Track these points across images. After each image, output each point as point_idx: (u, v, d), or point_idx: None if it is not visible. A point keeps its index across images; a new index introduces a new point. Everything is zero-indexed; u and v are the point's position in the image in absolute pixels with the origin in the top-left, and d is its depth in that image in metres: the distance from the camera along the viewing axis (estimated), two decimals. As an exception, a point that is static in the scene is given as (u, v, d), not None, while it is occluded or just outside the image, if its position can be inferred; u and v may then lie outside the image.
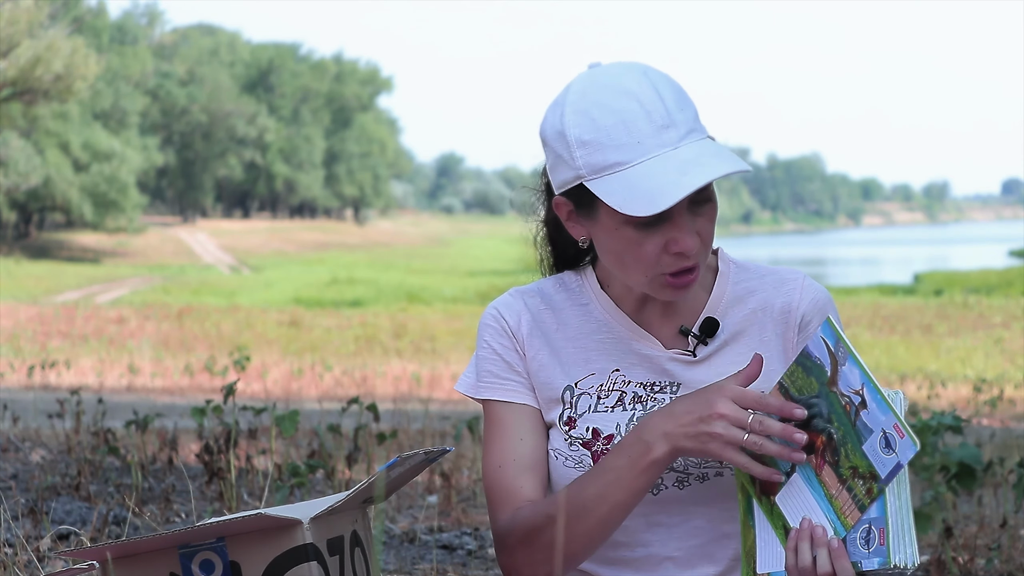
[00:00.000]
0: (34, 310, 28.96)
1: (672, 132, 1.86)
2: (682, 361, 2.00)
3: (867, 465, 1.71)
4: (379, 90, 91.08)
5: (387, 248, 73.12)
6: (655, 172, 1.83)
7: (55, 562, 3.24)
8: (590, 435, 1.99)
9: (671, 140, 1.85)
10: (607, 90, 1.88)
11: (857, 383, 1.72)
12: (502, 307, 2.06)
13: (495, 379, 2.04)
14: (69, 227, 65.66)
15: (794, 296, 2.01)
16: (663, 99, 1.87)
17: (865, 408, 1.71)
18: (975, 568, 3.70)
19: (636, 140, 1.85)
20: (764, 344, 2.00)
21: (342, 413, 5.14)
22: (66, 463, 5.15)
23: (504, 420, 2.02)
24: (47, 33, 43.60)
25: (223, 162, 77.67)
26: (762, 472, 1.79)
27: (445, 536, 4.07)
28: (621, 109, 1.86)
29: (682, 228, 1.87)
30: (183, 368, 16.27)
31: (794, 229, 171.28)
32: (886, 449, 1.69)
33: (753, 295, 2.02)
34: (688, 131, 1.87)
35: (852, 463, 1.72)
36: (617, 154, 1.85)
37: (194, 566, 1.83)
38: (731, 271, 2.04)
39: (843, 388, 1.73)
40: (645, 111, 1.86)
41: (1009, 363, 19.53)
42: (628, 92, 1.87)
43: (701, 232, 1.90)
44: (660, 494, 1.98)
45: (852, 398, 1.72)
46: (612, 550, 2.01)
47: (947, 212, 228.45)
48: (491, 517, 2.01)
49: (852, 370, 1.72)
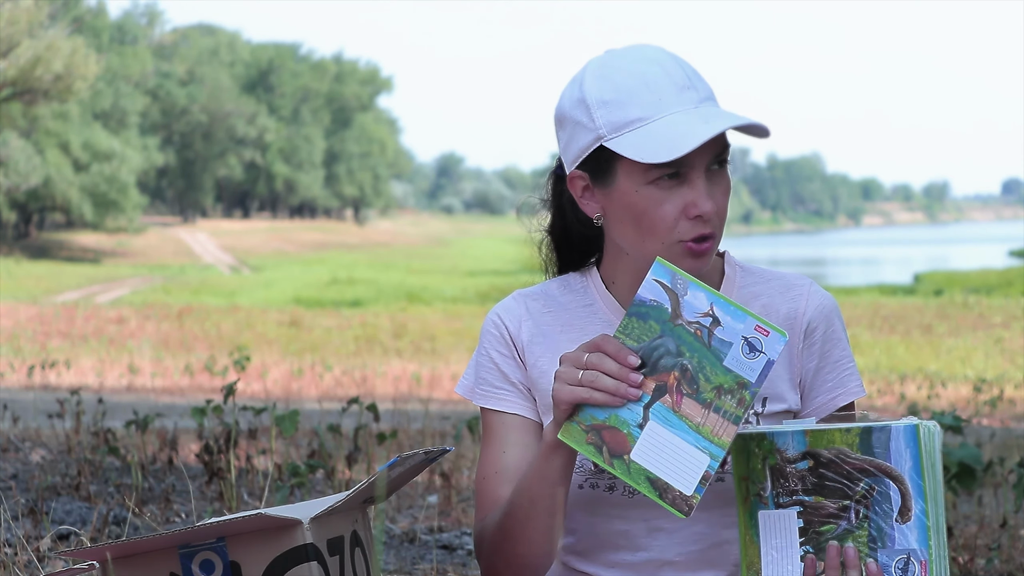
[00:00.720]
0: (34, 310, 28.95)
1: (692, 93, 1.88)
2: None
3: (732, 378, 1.71)
4: (379, 90, 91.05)
5: (387, 248, 73.08)
6: (677, 123, 1.85)
7: (55, 562, 3.24)
8: None
9: (691, 100, 1.88)
10: (627, 59, 1.91)
11: (704, 305, 1.72)
12: (503, 312, 2.06)
13: (489, 387, 2.05)
14: (69, 227, 65.66)
15: (800, 303, 2.01)
16: (682, 67, 1.90)
17: (719, 325, 1.71)
18: (975, 568, 3.70)
19: (657, 98, 1.87)
20: None
21: (342, 413, 5.14)
22: (66, 463, 5.15)
23: (494, 429, 2.04)
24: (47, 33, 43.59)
25: (223, 162, 77.64)
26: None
27: (445, 536, 4.07)
28: (643, 72, 1.88)
29: (700, 192, 1.87)
30: (183, 368, 16.26)
31: (794, 229, 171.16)
32: (751, 353, 1.70)
33: (758, 299, 2.02)
34: (709, 97, 1.90)
35: (715, 384, 1.71)
36: (639, 110, 1.87)
37: (194, 566, 1.83)
38: (737, 275, 2.04)
39: (689, 316, 1.73)
40: (666, 72, 1.88)
41: (1009, 363, 19.52)
42: (649, 59, 1.90)
43: (717, 200, 1.90)
44: None
45: (702, 321, 1.72)
46: (613, 553, 2.01)
47: (947, 212, 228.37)
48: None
49: (696, 295, 1.73)
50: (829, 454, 1.74)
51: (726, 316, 1.71)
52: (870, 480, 1.72)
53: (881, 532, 1.72)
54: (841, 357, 2.02)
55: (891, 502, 1.71)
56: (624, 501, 1.98)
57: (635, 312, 1.76)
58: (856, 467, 1.73)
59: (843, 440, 1.73)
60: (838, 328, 2.02)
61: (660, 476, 1.72)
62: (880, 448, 1.72)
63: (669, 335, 1.74)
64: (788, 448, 1.77)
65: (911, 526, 1.71)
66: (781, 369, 1.99)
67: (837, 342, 2.02)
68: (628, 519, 1.99)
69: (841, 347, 2.02)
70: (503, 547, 1.95)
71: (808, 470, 1.75)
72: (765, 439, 1.78)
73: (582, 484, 1.99)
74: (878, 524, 1.72)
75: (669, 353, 1.74)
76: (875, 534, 1.72)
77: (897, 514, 1.71)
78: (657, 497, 1.72)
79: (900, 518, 1.71)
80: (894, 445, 1.71)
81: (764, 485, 1.79)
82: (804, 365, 2.01)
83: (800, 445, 1.76)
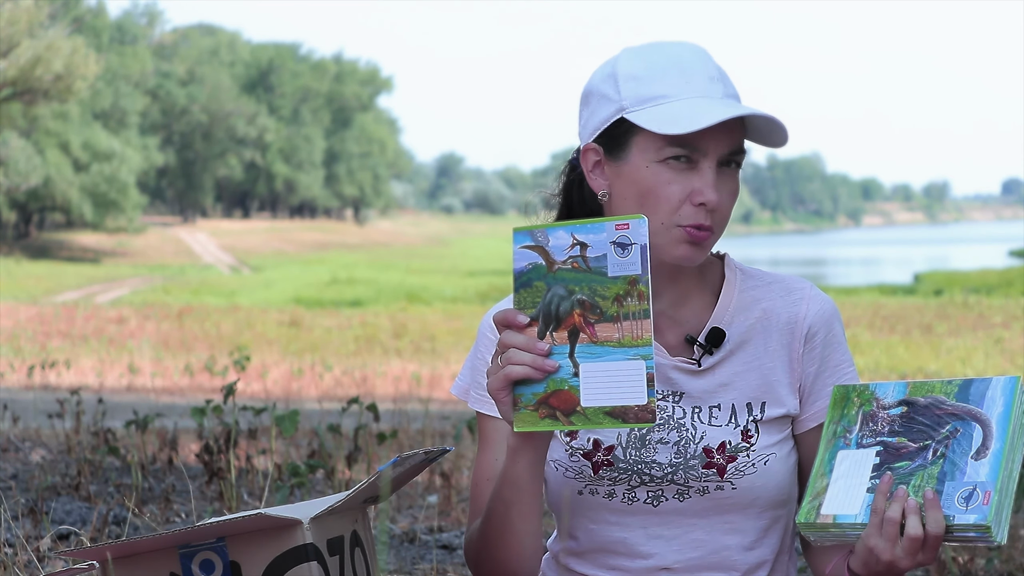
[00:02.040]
0: (34, 310, 28.93)
1: (720, 86, 1.91)
2: (685, 370, 1.99)
3: (623, 282, 1.73)
4: (379, 90, 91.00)
5: (387, 248, 73.06)
6: (699, 105, 1.87)
7: (55, 562, 3.24)
8: (591, 446, 1.99)
9: (715, 92, 1.90)
10: (666, 45, 1.95)
11: (568, 240, 1.75)
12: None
13: (483, 391, 2.05)
14: (69, 227, 65.63)
15: (800, 307, 2.01)
16: (716, 66, 1.93)
17: (587, 247, 1.74)
18: (975, 568, 3.70)
19: (685, 80, 1.90)
20: (769, 353, 2.00)
21: (342, 413, 5.14)
22: (66, 463, 5.15)
23: (488, 435, 2.05)
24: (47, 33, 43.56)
25: (223, 162, 77.60)
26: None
27: (445, 536, 4.07)
28: (678, 56, 1.92)
29: (708, 180, 1.89)
30: (183, 368, 16.25)
31: (794, 229, 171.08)
32: (624, 251, 1.73)
33: (759, 303, 2.02)
34: (734, 95, 1.93)
35: (612, 296, 1.74)
36: (665, 87, 1.89)
37: (194, 566, 1.83)
38: (737, 278, 2.04)
39: (561, 257, 1.75)
40: (700, 62, 1.91)
41: (1009, 363, 19.51)
42: (687, 48, 1.94)
43: (722, 201, 1.91)
44: (660, 506, 1.98)
45: (571, 254, 1.75)
46: (612, 558, 2.01)
47: (947, 212, 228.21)
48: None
49: (557, 236, 1.76)
50: (925, 401, 1.81)
51: (588, 235, 1.75)
52: (957, 423, 1.77)
53: (954, 467, 1.76)
54: (841, 361, 2.02)
55: (971, 441, 1.76)
56: (623, 508, 1.98)
57: (519, 285, 1.78)
58: (947, 412, 1.79)
59: (942, 390, 1.80)
60: (838, 332, 2.03)
61: (614, 404, 1.74)
62: (976, 397, 1.78)
63: (555, 283, 1.76)
64: (887, 396, 1.84)
65: (985, 462, 1.74)
66: (780, 373, 1.99)
67: (837, 346, 2.02)
68: (627, 526, 1.99)
69: (841, 351, 2.03)
70: (485, 553, 1.96)
71: (900, 416, 1.81)
72: (867, 389, 1.85)
73: (581, 491, 1.99)
74: (953, 460, 1.76)
75: (562, 297, 1.76)
76: (947, 469, 1.76)
77: (974, 452, 1.75)
78: (622, 423, 1.73)
79: (976, 456, 1.75)
80: (990, 393, 1.77)
81: (852, 428, 1.85)
82: (804, 369, 2.01)
83: (900, 393, 1.83)
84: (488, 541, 1.94)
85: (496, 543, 1.93)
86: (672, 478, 1.96)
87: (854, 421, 1.84)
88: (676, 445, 1.97)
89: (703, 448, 1.96)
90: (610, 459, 1.98)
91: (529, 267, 1.77)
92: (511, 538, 1.91)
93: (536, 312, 1.77)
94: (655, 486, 1.97)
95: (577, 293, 1.75)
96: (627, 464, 1.97)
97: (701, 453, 1.96)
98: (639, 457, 1.97)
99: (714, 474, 1.96)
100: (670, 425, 1.98)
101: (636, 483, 1.98)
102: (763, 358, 1.99)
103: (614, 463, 1.98)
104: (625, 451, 1.98)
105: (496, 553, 1.94)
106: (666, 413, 1.98)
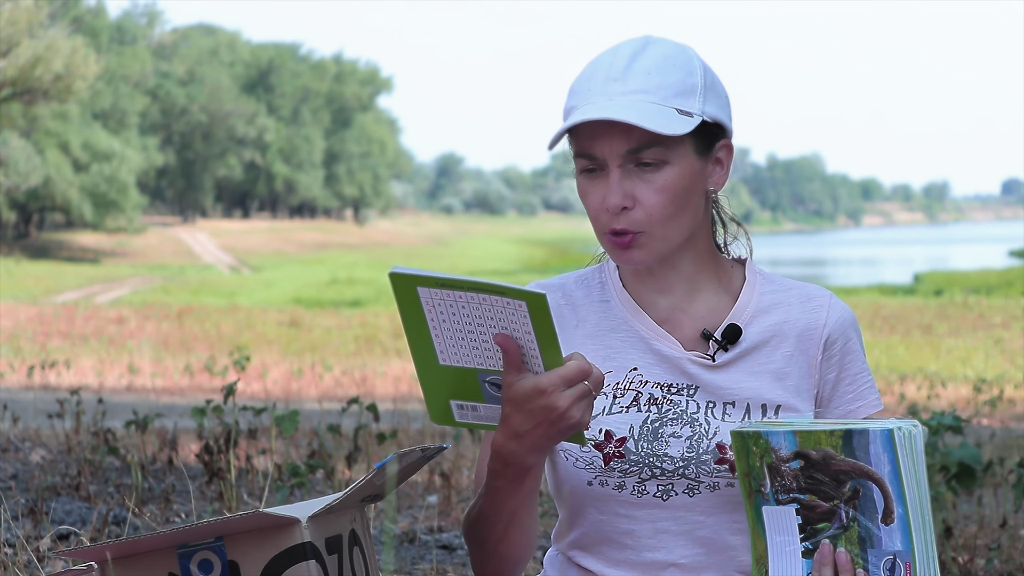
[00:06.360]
0: (34, 310, 28.94)
1: (616, 86, 1.92)
2: (701, 364, 2.00)
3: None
4: (379, 90, 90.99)
5: (387, 248, 73.07)
6: (586, 111, 1.90)
7: (55, 562, 3.24)
8: (603, 437, 1.99)
9: (611, 92, 1.91)
10: (606, 49, 1.98)
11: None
12: None
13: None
14: (69, 227, 65.62)
15: (820, 315, 2.02)
16: (633, 61, 1.93)
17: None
18: (975, 568, 3.70)
19: (587, 88, 1.93)
20: (786, 358, 2.00)
21: (342, 413, 5.14)
22: (66, 463, 5.15)
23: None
24: (47, 33, 43.57)
25: (223, 162, 77.58)
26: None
27: (445, 536, 4.06)
28: (594, 63, 1.96)
29: (609, 185, 1.92)
30: (183, 368, 16.26)
31: (794, 229, 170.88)
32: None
33: (777, 308, 2.03)
34: (637, 91, 1.91)
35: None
36: (574, 99, 1.95)
37: (193, 566, 1.83)
38: (758, 282, 2.05)
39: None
40: (606, 66, 1.94)
41: (1009, 363, 19.52)
42: (611, 51, 1.96)
43: (642, 198, 1.92)
44: (669, 500, 1.98)
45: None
46: (618, 551, 2.01)
47: (947, 212, 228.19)
48: None
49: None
50: (817, 455, 1.76)
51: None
52: (855, 482, 1.74)
53: (869, 533, 1.73)
54: (860, 371, 2.03)
55: (875, 504, 1.73)
56: (632, 500, 1.99)
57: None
58: (842, 469, 1.75)
59: (828, 442, 1.75)
60: (856, 342, 2.04)
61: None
62: (861, 451, 1.73)
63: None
64: (781, 448, 1.78)
65: (895, 528, 1.72)
66: (797, 379, 2.00)
67: (856, 356, 2.03)
68: (635, 519, 1.99)
69: (859, 361, 2.03)
70: (476, 548, 1.98)
71: (800, 469, 1.77)
72: (760, 438, 1.79)
73: (591, 481, 2.00)
74: (866, 525, 1.74)
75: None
76: (864, 535, 1.74)
77: (881, 516, 1.73)
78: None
79: (884, 520, 1.73)
80: (873, 448, 1.72)
81: (764, 482, 1.80)
82: (823, 377, 2.01)
83: (791, 445, 1.78)
84: (489, 544, 1.95)
85: (498, 547, 1.95)
86: (684, 472, 1.96)
87: (762, 475, 1.80)
88: (689, 439, 1.97)
89: (716, 444, 1.96)
90: (622, 451, 1.98)
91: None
92: (514, 540, 1.93)
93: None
94: (666, 479, 1.97)
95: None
96: (639, 456, 1.98)
97: (714, 449, 1.96)
98: (651, 450, 1.97)
99: (726, 470, 1.96)
100: (683, 419, 1.98)
101: (647, 476, 1.98)
102: (780, 362, 2.00)
103: (626, 455, 1.98)
104: (637, 443, 1.98)
105: (489, 553, 1.96)
106: (679, 407, 1.99)
